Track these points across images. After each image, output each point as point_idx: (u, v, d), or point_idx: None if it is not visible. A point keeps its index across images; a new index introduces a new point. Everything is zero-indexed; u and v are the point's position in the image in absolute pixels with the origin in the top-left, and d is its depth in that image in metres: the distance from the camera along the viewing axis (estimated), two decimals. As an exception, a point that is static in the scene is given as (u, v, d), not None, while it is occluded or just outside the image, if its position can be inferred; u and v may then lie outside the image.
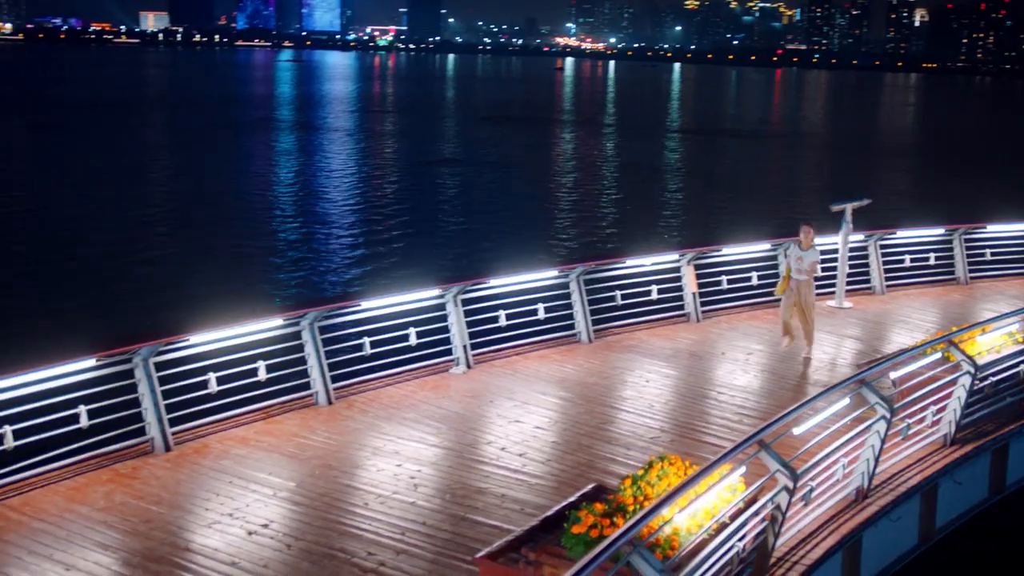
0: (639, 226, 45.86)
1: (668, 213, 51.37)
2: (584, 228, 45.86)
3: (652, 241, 39.17)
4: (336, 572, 10.67)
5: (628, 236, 42.99)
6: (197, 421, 14.15)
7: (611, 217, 49.84)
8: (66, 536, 11.30)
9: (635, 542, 8.39)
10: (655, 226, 45.90)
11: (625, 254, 21.42)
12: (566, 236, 43.11)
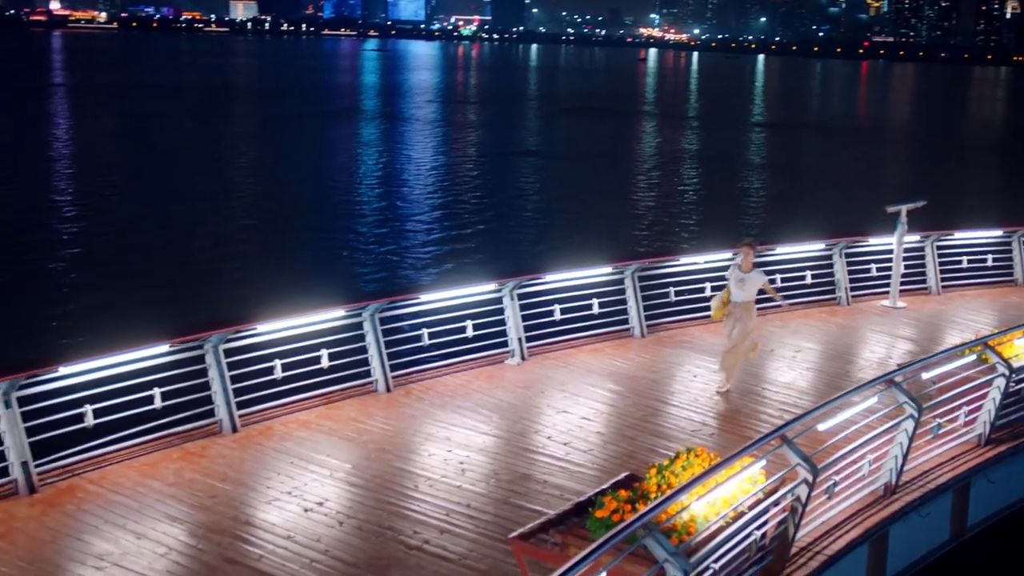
0: (707, 221, 46.23)
1: (737, 209, 51.51)
2: (652, 222, 46.33)
3: (719, 237, 39.48)
4: (383, 548, 11.49)
5: (696, 231, 43.44)
6: (262, 405, 15.06)
7: (682, 212, 50.20)
8: (139, 508, 12.26)
9: (650, 526, 9.06)
10: (722, 222, 46.11)
11: (682, 252, 21.96)
12: (634, 230, 43.60)
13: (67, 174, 56.38)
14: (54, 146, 67.76)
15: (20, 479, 12.55)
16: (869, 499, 13.04)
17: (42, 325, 27.56)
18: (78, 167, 58.77)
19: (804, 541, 11.84)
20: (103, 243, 38.63)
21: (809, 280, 22.07)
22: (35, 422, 12.86)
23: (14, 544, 11.42)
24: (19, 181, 52.71)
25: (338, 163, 65.22)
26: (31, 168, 56.86)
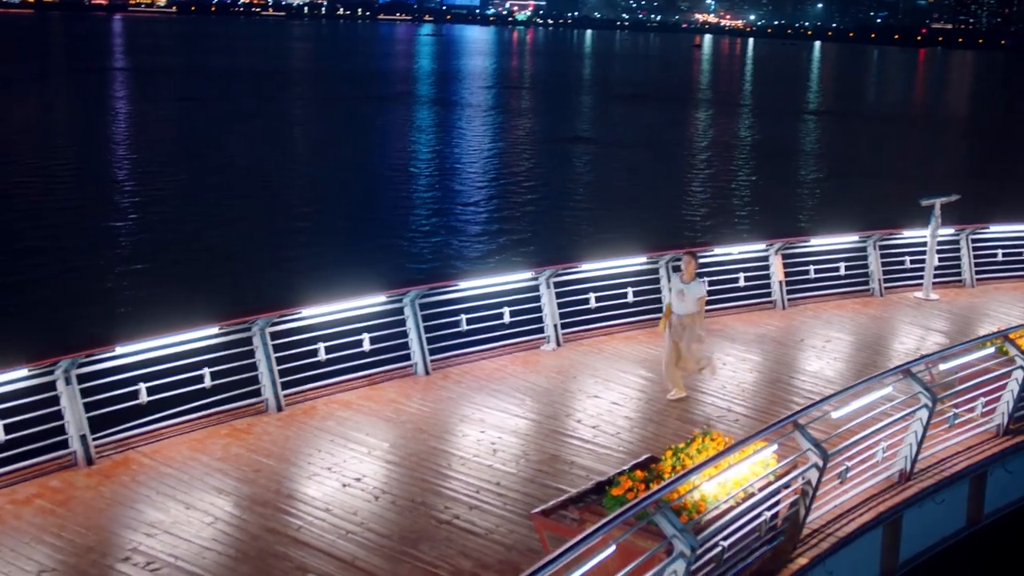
0: (749, 212, 46.44)
1: (780, 200, 51.48)
2: (694, 212, 46.53)
3: (760, 227, 39.85)
4: (415, 522, 12.19)
5: (737, 221, 43.69)
6: (306, 385, 15.82)
7: (725, 202, 50.28)
8: (188, 480, 13.05)
9: (660, 504, 9.67)
10: (763, 212, 46.34)
11: (716, 242, 22.41)
12: (675, 219, 43.81)
13: (126, 158, 57.63)
14: (114, 130, 69.18)
15: (79, 451, 13.39)
16: (884, 485, 13.52)
17: (100, 307, 28.57)
18: (137, 151, 60.02)
19: (817, 523, 12.37)
20: (158, 228, 39.66)
21: (843, 271, 22.48)
22: (93, 398, 13.71)
23: (73, 511, 12.25)
24: (80, 165, 53.97)
25: (390, 148, 66.03)
26: (92, 152, 58.21)
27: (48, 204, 43.00)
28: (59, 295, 29.83)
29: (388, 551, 11.55)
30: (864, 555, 13.13)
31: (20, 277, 31.44)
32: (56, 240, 36.51)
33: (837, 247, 22.56)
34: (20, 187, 45.86)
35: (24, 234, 36.83)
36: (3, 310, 27.77)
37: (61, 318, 26.91)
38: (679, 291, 16.24)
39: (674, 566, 9.50)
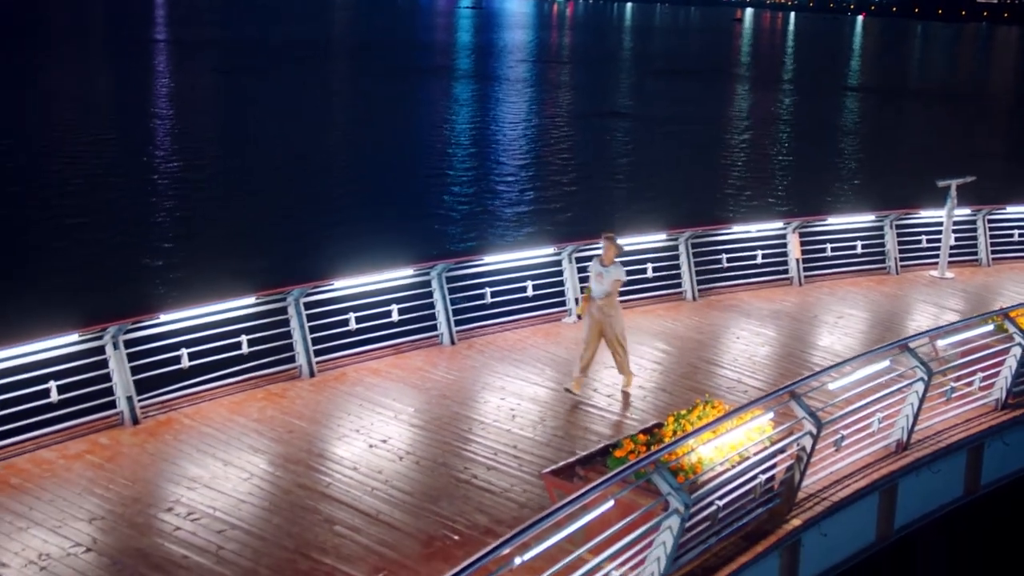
0: (776, 188, 46.90)
1: (807, 177, 51.77)
2: (722, 188, 46.97)
3: (787, 203, 40.40)
4: (436, 480, 13.10)
5: (764, 197, 44.17)
6: (338, 353, 16.73)
7: (753, 178, 50.73)
8: (226, 439, 14.01)
9: (658, 464, 10.50)
10: (791, 189, 46.79)
11: (735, 220, 23.10)
12: (701, 195, 44.26)
13: (167, 132, 58.76)
14: (154, 102, 70.29)
15: (125, 411, 14.37)
16: (881, 454, 14.25)
17: (146, 278, 29.75)
18: (177, 125, 61.13)
19: (813, 488, 13.13)
20: (198, 201, 40.72)
21: (860, 250, 23.11)
22: (139, 363, 14.68)
23: (120, 466, 13.24)
24: (120, 139, 55.08)
25: (427, 122, 66.79)
26: (132, 126, 59.27)
27: (94, 178, 44.13)
28: (107, 266, 30.99)
29: (410, 506, 12.46)
30: (860, 519, 13.88)
31: (70, 249, 32.62)
32: (102, 214, 37.65)
33: (854, 226, 23.21)
34: (66, 161, 47.02)
35: (71, 208, 37.99)
36: (56, 280, 28.92)
37: (110, 287, 28.07)
38: (598, 274, 15.88)
39: (669, 521, 10.33)
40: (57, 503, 12.29)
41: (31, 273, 29.54)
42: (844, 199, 39.82)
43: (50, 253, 31.95)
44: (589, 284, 15.96)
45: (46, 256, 31.49)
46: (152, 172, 46.10)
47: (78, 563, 11.13)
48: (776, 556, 12.44)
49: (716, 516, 11.32)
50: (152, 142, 53.96)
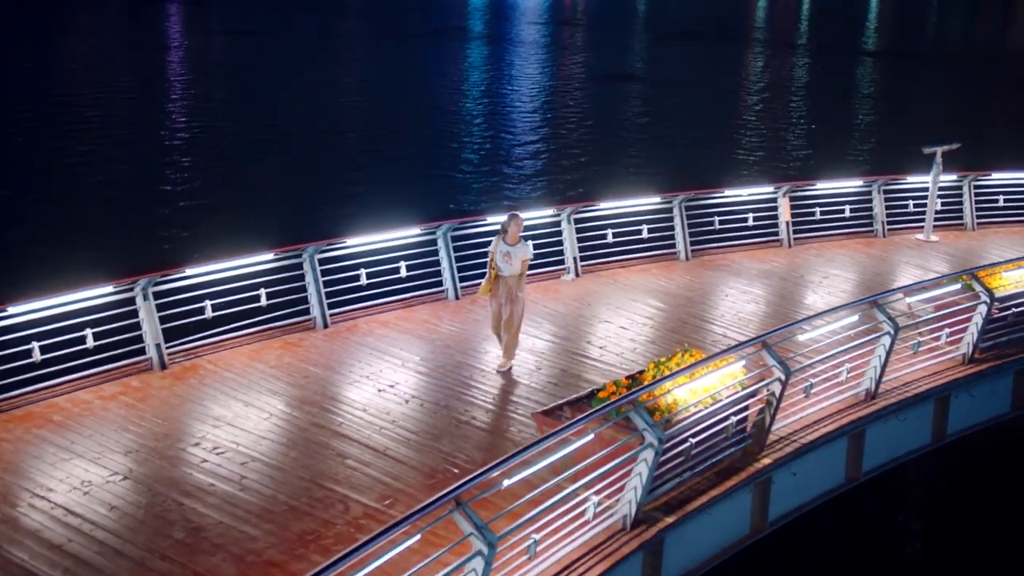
0: (773, 152, 47.57)
1: (805, 141, 52.33)
2: (721, 151, 47.52)
3: (781, 168, 41.36)
4: (439, 422, 14.35)
5: (762, 160, 45.00)
6: (350, 306, 17.94)
7: (752, 142, 51.32)
8: (247, 383, 15.27)
9: (635, 403, 11.70)
10: (788, 153, 47.57)
11: (729, 184, 24.16)
12: (698, 158, 44.94)
13: (182, 93, 59.60)
14: (169, 63, 71.14)
15: (154, 357, 15.63)
16: (850, 402, 15.39)
17: (172, 234, 31.15)
18: (192, 86, 61.88)
19: (784, 431, 14.31)
20: (218, 161, 41.75)
21: (848, 214, 24.16)
22: (166, 313, 15.93)
23: (150, 407, 14.52)
24: (137, 99, 56.00)
25: (439, 84, 67.38)
26: (148, 85, 60.24)
27: (120, 140, 45.20)
28: (136, 224, 32.30)
29: (414, 444, 13.72)
30: (829, 462, 15.07)
31: (101, 208, 33.96)
32: (130, 174, 38.78)
33: (843, 191, 24.27)
34: (92, 123, 48.06)
35: (101, 169, 39.19)
36: (90, 237, 30.24)
37: (140, 244, 29.45)
38: (505, 253, 15.83)
39: (644, 454, 11.56)
40: (95, 437, 13.57)
41: (67, 231, 30.86)
42: (838, 164, 40.49)
43: (83, 212, 33.27)
44: (495, 264, 15.94)
45: (80, 215, 32.83)
46: (175, 134, 47.16)
47: (117, 489, 12.42)
48: (748, 491, 13.66)
49: (690, 452, 12.53)
50: (171, 104, 54.87)
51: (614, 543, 11.67)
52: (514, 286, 15.91)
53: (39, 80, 56.71)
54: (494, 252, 15.98)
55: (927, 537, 18.90)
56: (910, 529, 18.92)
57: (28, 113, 47.89)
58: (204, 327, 16.37)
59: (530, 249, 16.25)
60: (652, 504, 12.24)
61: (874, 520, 18.46)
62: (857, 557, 18.04)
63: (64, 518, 11.80)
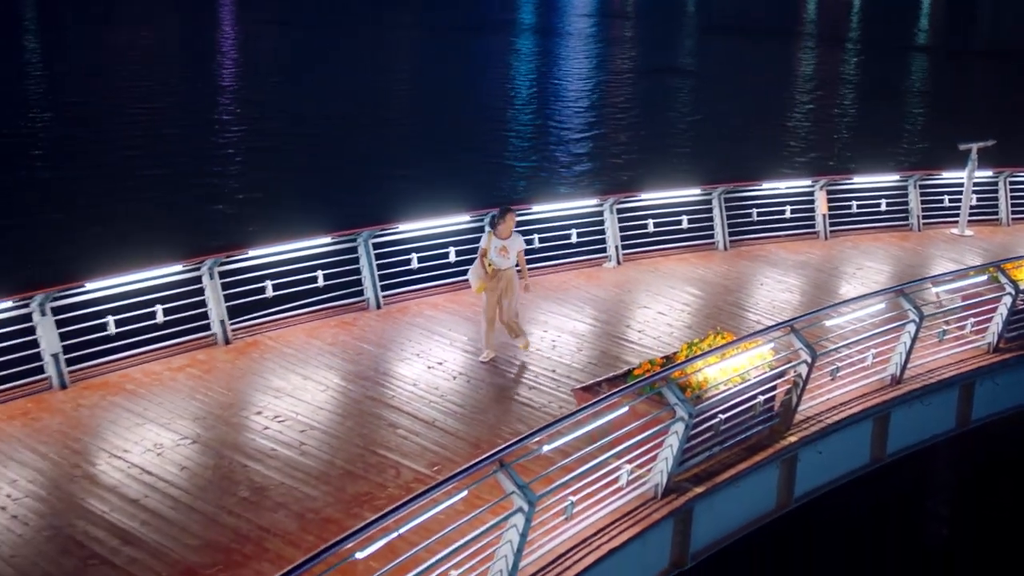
0: (810, 146, 48.10)
1: (845, 136, 52.72)
2: (761, 146, 48.10)
3: (816, 163, 41.94)
4: (484, 396, 15.30)
5: (802, 154, 45.52)
6: (401, 289, 18.93)
7: (792, 136, 51.81)
8: (304, 359, 16.30)
9: (668, 379, 12.57)
10: (830, 147, 48.07)
11: (767, 177, 24.84)
12: (737, 152, 45.55)
13: (238, 83, 60.90)
14: (220, 54, 72.43)
15: (219, 333, 16.69)
16: (876, 386, 16.15)
17: (234, 218, 32.61)
18: (245, 75, 63.32)
19: (811, 412, 15.08)
20: (277, 149, 42.99)
21: (884, 207, 24.83)
22: (230, 291, 16.98)
23: (216, 378, 15.59)
24: (197, 88, 57.31)
25: (490, 75, 68.22)
26: (203, 75, 61.52)
27: (181, 125, 46.61)
28: (202, 208, 33.87)
29: (461, 416, 14.68)
30: (854, 442, 15.82)
31: (168, 193, 35.41)
32: (190, 164, 40.13)
33: (880, 185, 24.94)
34: (149, 109, 49.49)
35: (161, 158, 40.55)
36: (160, 220, 31.70)
37: (206, 227, 30.98)
38: (500, 248, 16.27)
39: (675, 427, 12.42)
40: (165, 405, 14.64)
41: (140, 214, 32.43)
42: (877, 159, 40.83)
43: (152, 197, 34.78)
44: (488, 259, 16.31)
45: (149, 200, 34.34)
46: (233, 123, 48.45)
47: (186, 452, 13.48)
48: (775, 467, 14.48)
49: (719, 428, 13.38)
50: (226, 93, 56.13)
51: (646, 510, 12.55)
52: (512, 276, 16.46)
53: (103, 69, 58.34)
54: (486, 247, 16.34)
55: (950, 520, 19.63)
56: (934, 512, 19.65)
57: (90, 102, 49.49)
58: (265, 305, 17.41)
59: (523, 241, 16.71)
60: (682, 475, 13.09)
61: (899, 501, 19.18)
62: (881, 536, 18.77)
63: (140, 476, 12.84)
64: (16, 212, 32.67)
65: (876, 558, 18.08)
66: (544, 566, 11.28)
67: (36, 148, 41.50)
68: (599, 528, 11.99)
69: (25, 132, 43.78)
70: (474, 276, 16.51)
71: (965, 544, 18.89)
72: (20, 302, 14.87)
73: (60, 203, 33.50)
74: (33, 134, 43.78)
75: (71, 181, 36.34)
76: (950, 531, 19.50)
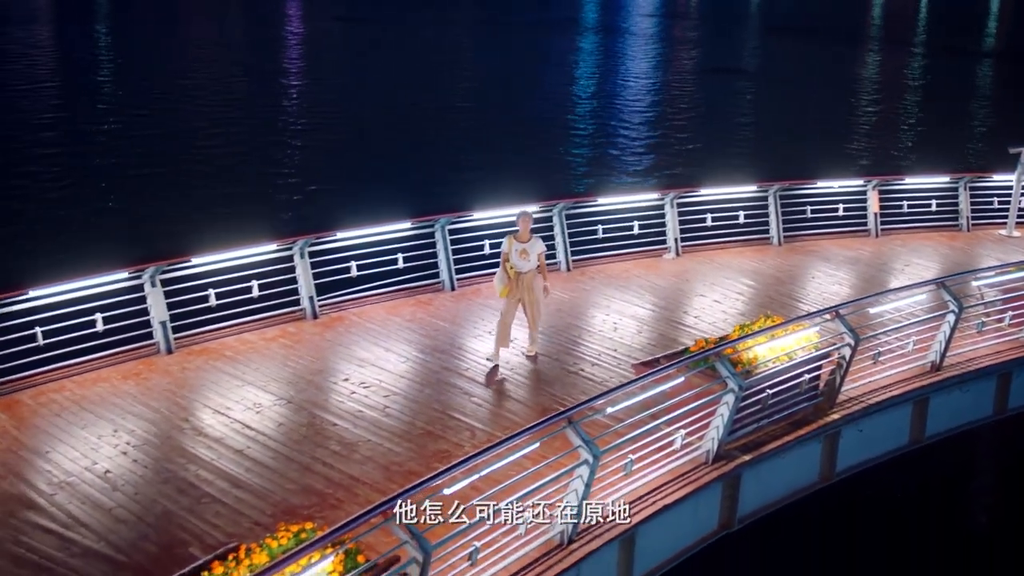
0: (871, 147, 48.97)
1: (902, 138, 53.45)
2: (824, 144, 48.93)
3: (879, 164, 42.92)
4: (552, 371, 16.65)
5: (857, 155, 46.48)
6: (472, 273, 20.32)
7: (854, 136, 52.58)
8: (386, 333, 17.78)
9: (720, 355, 13.84)
10: (885, 149, 48.93)
11: (821, 176, 25.92)
12: (804, 150, 46.44)
13: (296, 79, 62.59)
14: (282, 50, 74.11)
15: (307, 308, 18.22)
16: (916, 371, 17.26)
17: (322, 202, 35.00)
18: (305, 70, 65.06)
19: (853, 392, 16.22)
20: (348, 138, 45.01)
21: (934, 207, 25.83)
22: (318, 270, 18.50)
23: (305, 348, 17.14)
24: (256, 84, 58.80)
25: (552, 72, 69.36)
26: (262, 71, 63.18)
27: (240, 122, 48.48)
28: (288, 192, 36.51)
29: (529, 387, 16.08)
30: (894, 423, 16.95)
31: (260, 180, 37.71)
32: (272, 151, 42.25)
33: (930, 186, 25.94)
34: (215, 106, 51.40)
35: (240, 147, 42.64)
36: (250, 204, 34.03)
37: (296, 210, 33.73)
38: (521, 251, 16.52)
39: (726, 398, 13.70)
40: (261, 370, 16.17)
41: (232, 199, 34.89)
42: (931, 161, 41.59)
43: (242, 182, 37.37)
44: (510, 264, 16.62)
45: (239, 184, 36.95)
46: (297, 114, 50.41)
47: (282, 410, 15.00)
48: (818, 442, 15.68)
49: (767, 402, 14.61)
50: (284, 88, 57.92)
51: (697, 473, 13.82)
52: (532, 279, 16.72)
53: (167, 66, 60.50)
54: (508, 252, 16.61)
55: (991, 504, 20.70)
56: (975, 494, 20.74)
57: (161, 95, 51.66)
58: (350, 284, 18.92)
59: (542, 243, 16.87)
60: (732, 444, 14.33)
61: (940, 483, 20.31)
62: (924, 515, 19.89)
63: (242, 430, 14.36)
64: (132, 193, 35.53)
65: (918, 535, 19.26)
66: (606, 517, 12.59)
67: (145, 136, 43.77)
68: (655, 486, 13.30)
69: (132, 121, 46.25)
70: (498, 281, 16.84)
71: (1006, 527, 19.96)
72: (134, 274, 16.49)
73: (170, 188, 36.27)
74: (142, 123, 46.13)
75: (177, 171, 38.67)
76: (990, 515, 20.56)
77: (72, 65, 60.83)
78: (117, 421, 14.55)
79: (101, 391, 15.37)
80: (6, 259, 28.28)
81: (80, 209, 33.77)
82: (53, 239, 30.14)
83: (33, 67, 57.67)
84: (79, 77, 56.33)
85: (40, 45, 65.97)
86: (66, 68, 60.31)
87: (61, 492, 12.85)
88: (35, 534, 12.08)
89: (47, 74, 57.03)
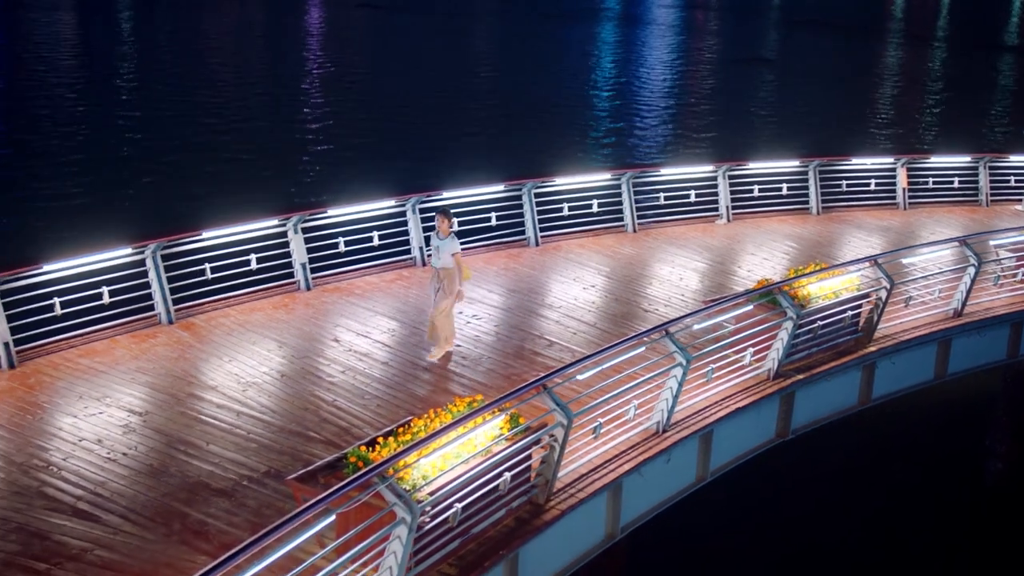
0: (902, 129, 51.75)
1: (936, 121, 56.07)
2: (854, 127, 51.52)
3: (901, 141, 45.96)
4: (630, 312, 19.62)
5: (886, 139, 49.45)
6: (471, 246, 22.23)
7: (882, 120, 55.30)
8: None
9: (779, 290, 16.73)
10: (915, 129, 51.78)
11: (855, 154, 28.85)
12: (836, 133, 49.19)
13: (319, 64, 64.25)
14: (304, 36, 75.98)
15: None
16: (940, 316, 20.09)
17: (317, 182, 38.06)
18: (328, 56, 67.10)
19: (888, 331, 18.96)
20: (364, 126, 48.07)
21: (957, 184, 28.70)
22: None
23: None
24: (281, 71, 61.26)
25: (575, 58, 70.63)
26: (286, 58, 65.64)
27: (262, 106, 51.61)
28: (280, 173, 39.45)
29: (616, 318, 19.06)
30: (922, 359, 19.77)
31: (273, 157, 41.01)
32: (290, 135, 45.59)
33: (954, 165, 28.84)
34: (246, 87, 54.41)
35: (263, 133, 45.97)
36: (256, 180, 37.22)
37: (284, 190, 36.31)
38: (435, 247, 16.74)
39: (785, 324, 16.64)
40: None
41: (230, 181, 37.68)
42: (954, 142, 43.87)
43: (260, 161, 40.65)
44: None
45: (256, 164, 40.29)
46: (309, 104, 53.17)
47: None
48: (858, 369, 18.55)
49: (817, 332, 17.43)
50: (306, 75, 60.17)
51: (760, 387, 16.73)
52: (445, 277, 16.85)
53: (193, 51, 63.30)
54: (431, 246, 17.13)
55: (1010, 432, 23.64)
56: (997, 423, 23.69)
57: (186, 80, 54.94)
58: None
59: (457, 244, 16.82)
60: (788, 365, 17.19)
61: (964, 413, 23.82)
62: (953, 440, 23.34)
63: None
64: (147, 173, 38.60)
65: (949, 457, 22.85)
66: (689, 415, 15.54)
67: (161, 120, 47.05)
68: (728, 395, 16.25)
69: (148, 106, 49.53)
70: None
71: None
72: (281, 221, 19.43)
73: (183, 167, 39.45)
74: (157, 107, 49.29)
75: (192, 155, 41.67)
76: (1010, 444, 23.42)
77: (92, 50, 63.84)
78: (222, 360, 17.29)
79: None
80: (23, 236, 30.77)
81: (93, 189, 36.54)
82: (65, 218, 32.66)
83: (54, 53, 60.64)
84: (98, 63, 59.24)
85: (61, 32, 68.80)
86: (87, 53, 63.22)
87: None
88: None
89: (67, 61, 59.84)
